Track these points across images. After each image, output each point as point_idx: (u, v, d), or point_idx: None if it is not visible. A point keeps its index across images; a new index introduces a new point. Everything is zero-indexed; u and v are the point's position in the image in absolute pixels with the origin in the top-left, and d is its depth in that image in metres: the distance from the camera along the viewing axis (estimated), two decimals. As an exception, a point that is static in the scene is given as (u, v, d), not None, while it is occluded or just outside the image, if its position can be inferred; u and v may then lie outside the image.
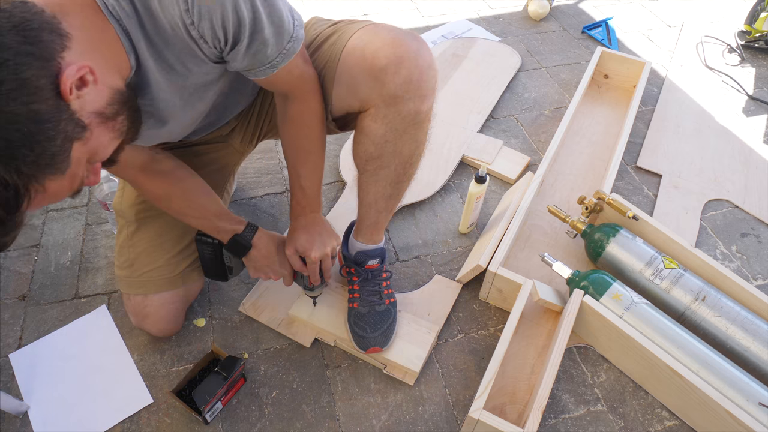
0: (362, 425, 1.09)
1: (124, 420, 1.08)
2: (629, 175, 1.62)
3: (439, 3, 2.36)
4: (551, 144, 1.55)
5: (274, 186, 1.53)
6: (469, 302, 1.29)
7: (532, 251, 1.38)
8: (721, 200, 1.56)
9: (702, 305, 1.16)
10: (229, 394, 1.09)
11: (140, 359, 1.17)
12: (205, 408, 1.03)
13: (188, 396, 1.06)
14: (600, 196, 1.32)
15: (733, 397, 1.03)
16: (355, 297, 1.17)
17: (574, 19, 2.29)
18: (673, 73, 2.01)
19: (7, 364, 1.16)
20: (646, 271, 1.21)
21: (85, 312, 1.25)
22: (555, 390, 1.14)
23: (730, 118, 1.84)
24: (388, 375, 1.14)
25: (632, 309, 1.12)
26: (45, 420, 1.08)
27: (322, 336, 1.19)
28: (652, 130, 1.76)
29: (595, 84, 1.89)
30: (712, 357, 1.07)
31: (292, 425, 1.08)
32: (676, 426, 1.11)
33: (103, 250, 1.38)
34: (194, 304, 1.26)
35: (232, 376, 1.06)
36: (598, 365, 1.19)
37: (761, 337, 1.12)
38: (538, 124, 1.77)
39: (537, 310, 1.25)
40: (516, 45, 2.12)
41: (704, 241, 1.45)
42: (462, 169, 1.61)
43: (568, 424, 1.10)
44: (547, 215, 1.45)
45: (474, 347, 1.21)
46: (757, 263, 1.41)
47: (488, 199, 1.52)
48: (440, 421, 1.09)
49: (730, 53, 2.13)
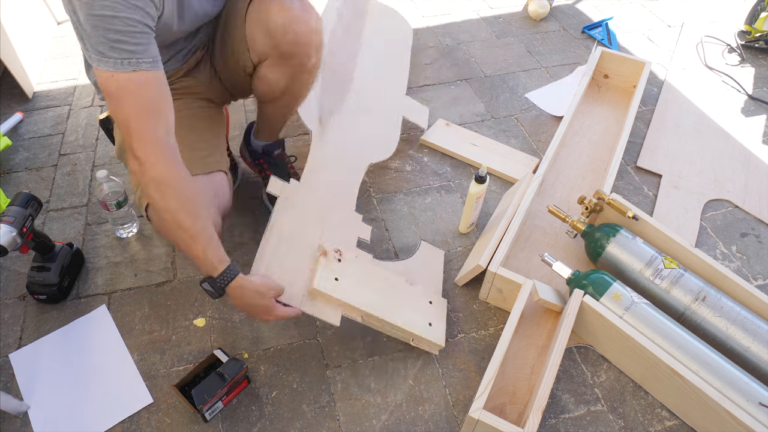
0: (362, 425, 1.09)
1: (124, 420, 1.08)
2: (629, 175, 1.62)
3: (439, 3, 2.36)
4: (551, 144, 1.55)
5: (274, 186, 1.53)
6: (469, 302, 1.29)
7: (532, 251, 1.38)
8: (721, 200, 1.56)
9: (702, 305, 1.16)
10: (230, 395, 1.09)
11: (140, 359, 1.17)
12: (204, 407, 1.03)
13: (189, 393, 1.06)
14: (600, 196, 1.32)
15: (733, 397, 1.03)
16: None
17: (574, 19, 2.29)
18: (673, 73, 2.01)
19: (7, 364, 1.16)
20: (646, 271, 1.21)
21: (85, 312, 1.25)
22: (555, 390, 1.14)
23: (730, 118, 1.84)
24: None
25: (632, 309, 1.12)
26: (45, 420, 1.08)
27: (349, 312, 1.10)
28: (652, 130, 1.76)
29: (595, 84, 1.89)
30: (712, 357, 1.07)
31: (292, 425, 1.08)
32: (676, 426, 1.11)
33: (103, 250, 1.38)
34: (194, 304, 1.26)
35: (233, 378, 1.06)
36: (598, 365, 1.19)
37: (761, 337, 1.12)
38: (538, 124, 1.77)
39: (537, 310, 1.25)
40: (516, 45, 2.12)
41: (704, 241, 1.45)
42: (462, 169, 1.61)
43: (568, 424, 1.10)
44: (547, 215, 1.45)
45: (474, 347, 1.21)
46: (757, 263, 1.41)
47: (488, 199, 1.52)
48: (440, 421, 1.09)
49: (730, 53, 2.13)
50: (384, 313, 1.12)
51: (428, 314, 1.18)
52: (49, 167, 1.60)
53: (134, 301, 1.27)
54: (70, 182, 1.55)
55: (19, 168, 1.59)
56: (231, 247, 1.38)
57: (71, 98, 1.83)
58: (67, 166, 1.60)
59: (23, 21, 1.90)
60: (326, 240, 1.19)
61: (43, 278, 1.22)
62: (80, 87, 1.87)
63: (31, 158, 1.62)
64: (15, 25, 1.80)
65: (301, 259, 1.14)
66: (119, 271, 1.33)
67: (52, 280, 1.22)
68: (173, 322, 1.24)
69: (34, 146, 1.66)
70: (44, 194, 1.52)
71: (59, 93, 1.85)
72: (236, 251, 1.37)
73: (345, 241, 1.24)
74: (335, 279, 1.11)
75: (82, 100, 1.82)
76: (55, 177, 1.57)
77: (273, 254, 1.12)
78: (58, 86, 1.88)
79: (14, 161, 1.61)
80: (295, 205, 1.22)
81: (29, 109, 1.78)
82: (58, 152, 1.64)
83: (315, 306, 1.08)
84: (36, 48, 1.96)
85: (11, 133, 1.70)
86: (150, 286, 1.31)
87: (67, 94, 1.84)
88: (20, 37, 1.83)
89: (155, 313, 1.25)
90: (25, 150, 1.65)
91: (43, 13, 2.10)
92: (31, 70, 1.86)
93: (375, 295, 1.14)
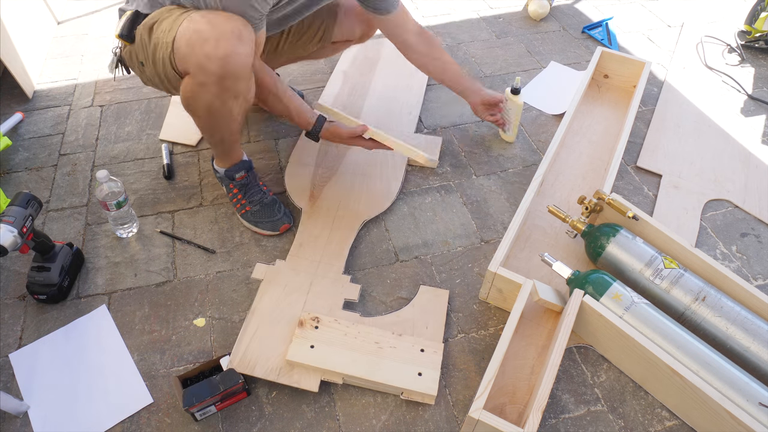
0: (362, 425, 1.09)
1: (124, 420, 1.08)
2: (629, 175, 1.62)
3: (439, 3, 2.36)
4: (551, 144, 1.55)
5: (275, 186, 1.53)
6: (469, 302, 1.29)
7: (532, 251, 1.38)
8: (721, 200, 1.56)
9: (702, 305, 1.16)
10: (225, 403, 1.08)
11: (140, 359, 1.17)
12: (191, 409, 1.04)
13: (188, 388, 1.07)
14: (600, 196, 1.32)
15: (733, 397, 1.03)
16: (243, 203, 1.42)
17: (574, 19, 2.29)
18: (673, 73, 2.01)
19: (7, 364, 1.16)
20: (646, 271, 1.21)
21: (85, 312, 1.25)
22: (555, 390, 1.14)
23: (730, 118, 1.84)
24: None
25: (632, 309, 1.12)
26: (45, 420, 1.08)
27: (328, 377, 1.11)
28: (652, 130, 1.76)
29: (595, 84, 1.89)
30: (712, 357, 1.07)
31: (292, 425, 1.08)
32: (676, 426, 1.11)
33: (103, 250, 1.38)
34: (194, 304, 1.26)
35: (225, 390, 1.05)
36: (598, 365, 1.19)
37: (761, 337, 1.12)
38: (538, 124, 1.77)
39: (537, 310, 1.25)
40: (516, 45, 2.12)
41: (704, 241, 1.45)
42: (462, 169, 1.61)
43: (568, 424, 1.10)
44: (547, 215, 1.45)
45: (474, 347, 1.21)
46: (757, 263, 1.41)
47: (488, 199, 1.52)
48: (440, 421, 1.09)
49: (730, 53, 2.13)
50: (364, 371, 1.11)
51: (419, 363, 1.14)
52: (49, 167, 1.60)
53: (134, 301, 1.28)
54: (70, 182, 1.55)
55: (19, 168, 1.59)
56: (231, 247, 1.38)
57: (71, 98, 1.83)
58: (67, 166, 1.60)
59: (23, 21, 1.90)
60: (309, 310, 1.22)
61: (44, 278, 1.22)
62: (80, 87, 1.88)
63: (31, 158, 1.62)
64: (15, 25, 1.80)
65: (281, 335, 1.18)
66: (119, 271, 1.33)
67: (52, 280, 1.23)
68: (173, 322, 1.24)
69: (34, 146, 1.66)
70: (44, 194, 1.52)
71: (59, 93, 1.85)
72: (236, 251, 1.37)
73: (329, 306, 1.24)
74: (311, 347, 1.14)
75: (82, 100, 1.82)
76: (55, 177, 1.57)
77: (252, 337, 1.17)
78: (58, 86, 1.88)
79: (14, 161, 1.61)
80: (279, 282, 1.28)
81: (29, 109, 1.78)
82: (58, 152, 1.64)
83: (292, 377, 1.11)
84: (36, 48, 1.96)
85: (11, 133, 1.70)
86: (150, 286, 1.31)
87: (67, 94, 1.84)
88: (20, 37, 1.83)
89: (155, 313, 1.25)
90: (25, 150, 1.65)
91: (43, 13, 2.10)
92: (31, 70, 1.86)
93: (355, 356, 1.13)
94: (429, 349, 1.16)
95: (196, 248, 1.38)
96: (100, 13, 2.26)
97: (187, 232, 1.42)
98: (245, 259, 1.36)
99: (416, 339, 1.18)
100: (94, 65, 1.97)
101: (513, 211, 1.49)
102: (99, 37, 2.12)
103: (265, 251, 1.38)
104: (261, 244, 1.39)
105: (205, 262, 1.35)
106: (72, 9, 2.28)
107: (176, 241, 1.40)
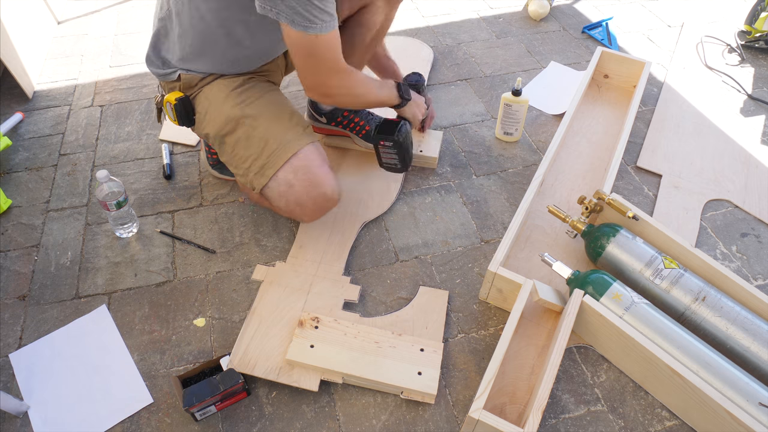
0: (362, 425, 1.09)
1: (124, 420, 1.08)
2: (629, 175, 1.62)
3: (439, 3, 2.36)
4: (551, 144, 1.55)
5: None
6: (469, 302, 1.29)
7: (532, 251, 1.38)
8: (721, 200, 1.56)
9: (702, 305, 1.16)
10: (225, 403, 1.08)
11: (140, 359, 1.17)
12: (191, 409, 1.04)
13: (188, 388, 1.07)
14: (600, 196, 1.32)
15: (733, 397, 1.03)
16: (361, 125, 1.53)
17: (574, 19, 2.29)
18: (673, 73, 2.01)
19: (7, 364, 1.16)
20: (646, 271, 1.21)
21: (85, 312, 1.25)
22: (555, 390, 1.14)
23: (730, 118, 1.84)
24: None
25: (632, 309, 1.12)
26: (45, 420, 1.08)
27: (328, 376, 1.12)
28: (652, 130, 1.76)
29: (595, 84, 1.89)
30: (712, 357, 1.07)
31: (292, 425, 1.08)
32: (676, 426, 1.11)
33: (103, 250, 1.38)
34: (194, 304, 1.27)
35: (225, 390, 1.05)
36: (598, 365, 1.19)
37: (761, 337, 1.12)
38: (538, 124, 1.77)
39: (537, 310, 1.25)
40: (516, 45, 2.12)
41: (704, 241, 1.45)
42: (462, 169, 1.61)
43: (568, 424, 1.10)
44: (547, 215, 1.45)
45: (474, 347, 1.21)
46: (757, 263, 1.41)
47: (488, 199, 1.52)
48: (440, 421, 1.09)
49: (730, 53, 2.13)
50: (363, 371, 1.11)
51: (418, 362, 1.14)
52: (49, 167, 1.60)
53: (134, 301, 1.28)
54: (70, 182, 1.55)
55: (19, 168, 1.59)
56: (231, 247, 1.38)
57: (71, 98, 1.83)
58: (67, 166, 1.60)
59: (23, 21, 1.90)
60: (309, 310, 1.23)
61: None
62: (80, 87, 1.88)
63: (31, 158, 1.62)
64: (15, 25, 1.80)
65: (280, 335, 1.18)
66: (119, 271, 1.33)
67: None
68: (173, 322, 1.24)
69: (34, 146, 1.66)
70: (44, 194, 1.52)
71: (59, 93, 1.85)
72: (236, 251, 1.37)
73: (329, 306, 1.24)
74: (310, 346, 1.14)
75: (82, 100, 1.82)
76: (55, 177, 1.57)
77: (252, 337, 1.18)
78: (58, 86, 1.88)
79: (14, 161, 1.61)
80: (280, 283, 1.28)
81: (29, 109, 1.78)
82: (58, 152, 1.64)
83: (292, 377, 1.11)
84: (36, 48, 1.96)
85: (11, 133, 1.70)
86: (150, 286, 1.31)
87: (67, 94, 1.85)
88: (20, 37, 1.83)
89: (155, 313, 1.25)
90: (25, 150, 1.65)
91: (43, 13, 2.10)
92: (31, 70, 1.87)
93: (355, 355, 1.14)
94: (429, 349, 1.16)
95: (196, 248, 1.38)
96: (100, 13, 2.26)
97: (187, 232, 1.42)
98: (245, 259, 1.36)
99: (416, 338, 1.18)
100: (94, 65, 1.97)
101: (513, 211, 1.49)
102: (99, 37, 2.12)
103: (265, 251, 1.38)
104: (261, 244, 1.39)
105: (205, 262, 1.36)
106: (72, 9, 2.28)
107: (176, 241, 1.40)
